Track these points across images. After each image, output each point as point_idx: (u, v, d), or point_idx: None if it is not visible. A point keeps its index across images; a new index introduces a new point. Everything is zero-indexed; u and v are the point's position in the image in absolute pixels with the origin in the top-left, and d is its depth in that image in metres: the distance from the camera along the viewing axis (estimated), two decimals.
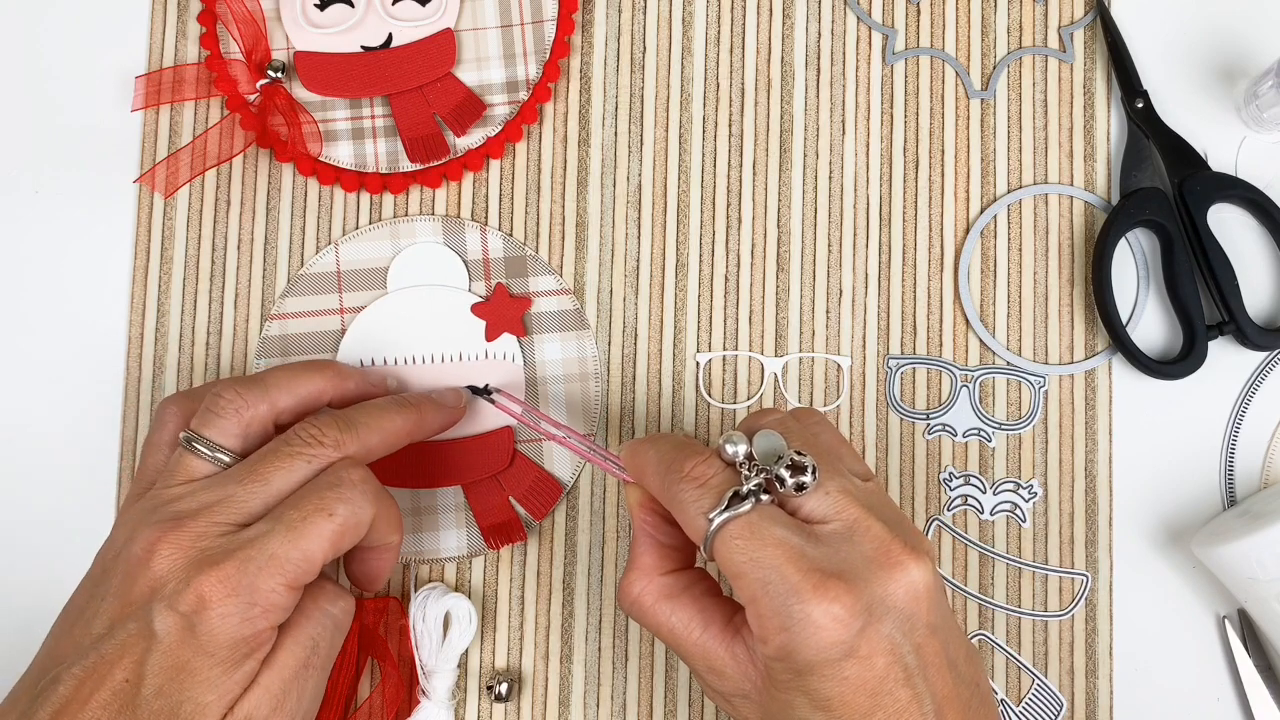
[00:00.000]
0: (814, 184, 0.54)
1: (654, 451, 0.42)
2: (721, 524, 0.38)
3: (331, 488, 0.42)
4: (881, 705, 0.37)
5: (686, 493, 0.39)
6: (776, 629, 0.37)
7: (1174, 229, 0.52)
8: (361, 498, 0.42)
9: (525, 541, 0.51)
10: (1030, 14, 0.55)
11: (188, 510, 0.41)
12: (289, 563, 0.40)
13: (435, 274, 0.53)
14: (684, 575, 0.42)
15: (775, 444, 0.39)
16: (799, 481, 0.38)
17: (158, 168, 0.52)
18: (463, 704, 0.51)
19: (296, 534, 0.40)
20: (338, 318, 0.53)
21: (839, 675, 0.36)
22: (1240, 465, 0.52)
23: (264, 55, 0.53)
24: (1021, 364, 0.53)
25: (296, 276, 0.53)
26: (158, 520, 0.41)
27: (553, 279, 0.53)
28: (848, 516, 0.38)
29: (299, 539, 0.40)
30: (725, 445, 0.39)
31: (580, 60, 0.54)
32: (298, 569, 0.40)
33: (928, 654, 0.37)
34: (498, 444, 0.52)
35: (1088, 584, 0.51)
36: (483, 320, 0.52)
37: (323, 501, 0.41)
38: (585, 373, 0.52)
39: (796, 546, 0.37)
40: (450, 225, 0.53)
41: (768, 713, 0.39)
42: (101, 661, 0.39)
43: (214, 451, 0.43)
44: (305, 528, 0.40)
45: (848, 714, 0.36)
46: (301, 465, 0.43)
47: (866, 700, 0.36)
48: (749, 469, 0.39)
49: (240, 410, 0.44)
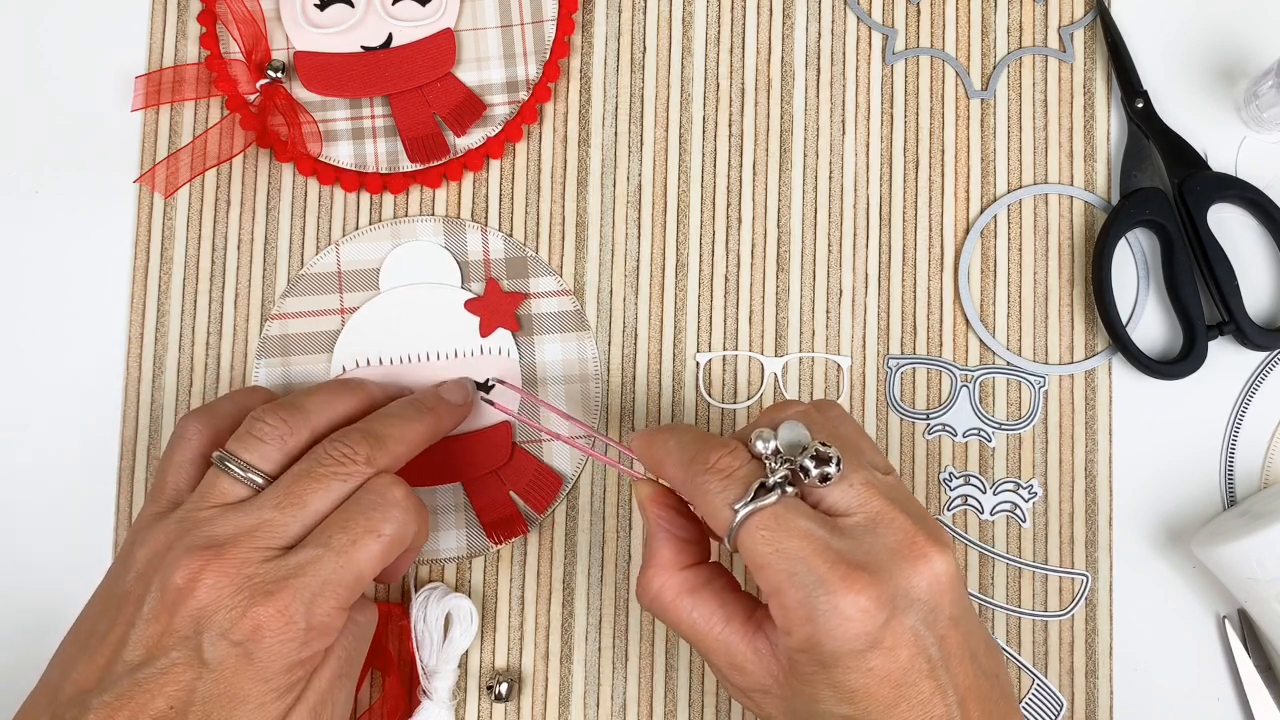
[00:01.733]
0: (814, 184, 0.54)
1: (675, 441, 0.42)
2: (747, 515, 0.38)
3: (377, 508, 0.42)
4: (905, 697, 0.37)
5: (711, 484, 0.39)
6: (802, 620, 0.37)
7: (1174, 229, 0.52)
8: (405, 514, 0.42)
9: (527, 535, 0.51)
10: (1030, 14, 0.55)
11: (226, 536, 0.40)
12: (342, 586, 0.40)
13: (427, 272, 0.53)
14: (703, 570, 0.42)
15: (800, 435, 0.39)
16: (824, 473, 0.38)
17: (158, 168, 0.52)
18: (463, 704, 0.51)
19: (347, 558, 0.40)
20: (338, 318, 0.53)
21: (864, 667, 0.36)
22: (1240, 465, 0.52)
23: (264, 55, 0.53)
24: (1021, 364, 0.53)
25: (297, 277, 0.53)
26: (193, 545, 0.40)
27: (553, 280, 0.53)
28: (871, 509, 0.38)
29: (350, 562, 0.40)
30: (755, 440, 0.39)
31: (580, 60, 0.54)
32: (350, 592, 0.40)
33: (950, 646, 0.37)
34: (497, 439, 0.52)
35: (1088, 584, 0.51)
36: (476, 316, 0.52)
37: (370, 522, 0.41)
38: (586, 374, 0.52)
39: (822, 538, 0.37)
40: (451, 226, 0.53)
41: (791, 707, 0.39)
42: (139, 690, 0.38)
43: (247, 473, 0.43)
44: (355, 551, 0.40)
45: (872, 706, 0.37)
46: (338, 485, 0.42)
47: (891, 692, 0.36)
48: (775, 461, 0.39)
49: (284, 438, 0.43)
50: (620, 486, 0.52)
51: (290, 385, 0.52)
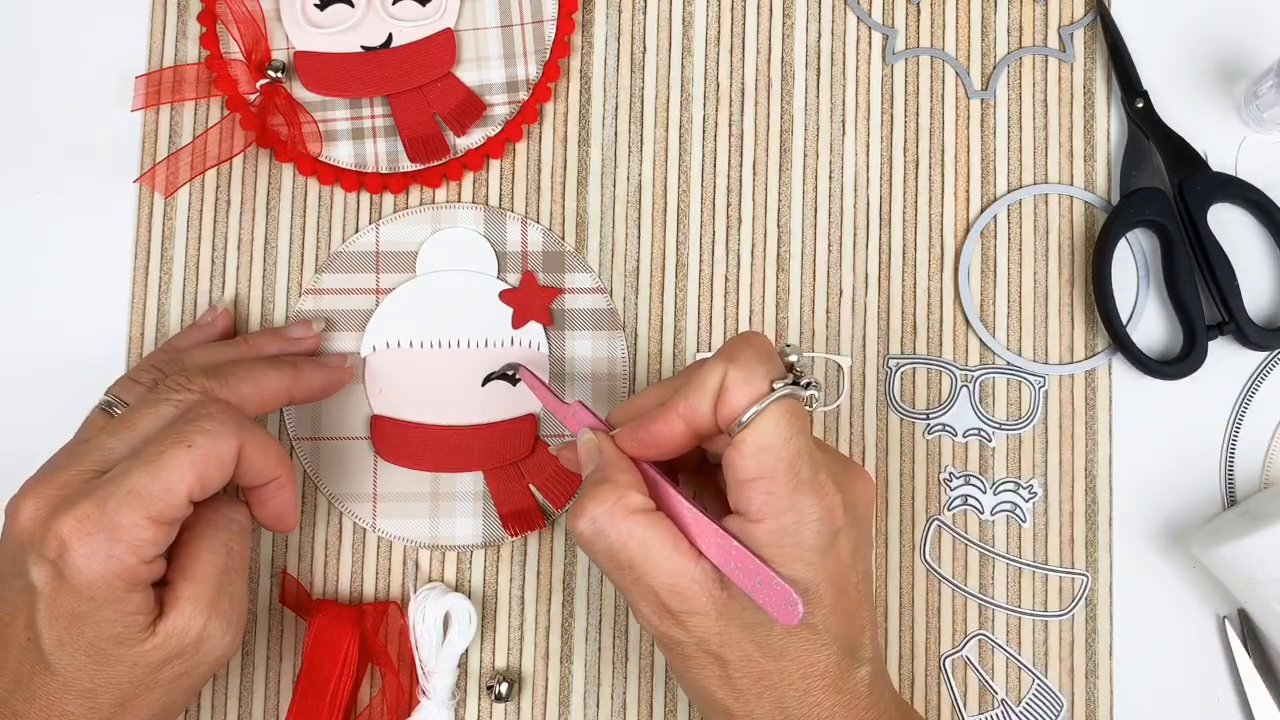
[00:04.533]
0: (814, 184, 0.54)
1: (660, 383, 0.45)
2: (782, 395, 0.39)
3: (189, 422, 0.42)
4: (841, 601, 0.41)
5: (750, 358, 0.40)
6: (784, 509, 0.39)
7: (1174, 229, 0.52)
8: (220, 427, 0.42)
9: (543, 529, 0.51)
10: (1030, 14, 0.55)
11: (61, 464, 0.42)
12: (149, 495, 0.40)
13: (464, 260, 0.53)
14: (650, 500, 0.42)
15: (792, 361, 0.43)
16: (812, 396, 0.42)
17: (158, 168, 0.52)
18: (463, 704, 0.51)
19: (155, 466, 0.40)
20: (373, 297, 0.53)
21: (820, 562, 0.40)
22: (1240, 465, 0.52)
23: (264, 55, 0.53)
24: (1021, 364, 0.53)
25: (335, 253, 0.53)
26: (36, 478, 0.41)
27: (589, 276, 0.53)
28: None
29: (158, 471, 0.40)
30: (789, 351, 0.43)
31: (580, 60, 0.54)
32: (160, 501, 0.40)
33: (865, 555, 0.43)
34: (520, 431, 0.52)
35: (1088, 584, 0.51)
36: (510, 307, 0.53)
37: (180, 435, 0.41)
38: (614, 373, 0.52)
39: (812, 444, 0.41)
40: (492, 215, 0.53)
41: (725, 624, 0.40)
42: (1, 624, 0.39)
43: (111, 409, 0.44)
44: (163, 460, 0.40)
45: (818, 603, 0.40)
46: (168, 410, 0.43)
47: (833, 592, 0.40)
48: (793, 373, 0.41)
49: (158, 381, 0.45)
50: None
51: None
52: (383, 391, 0.52)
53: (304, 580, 0.52)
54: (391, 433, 0.52)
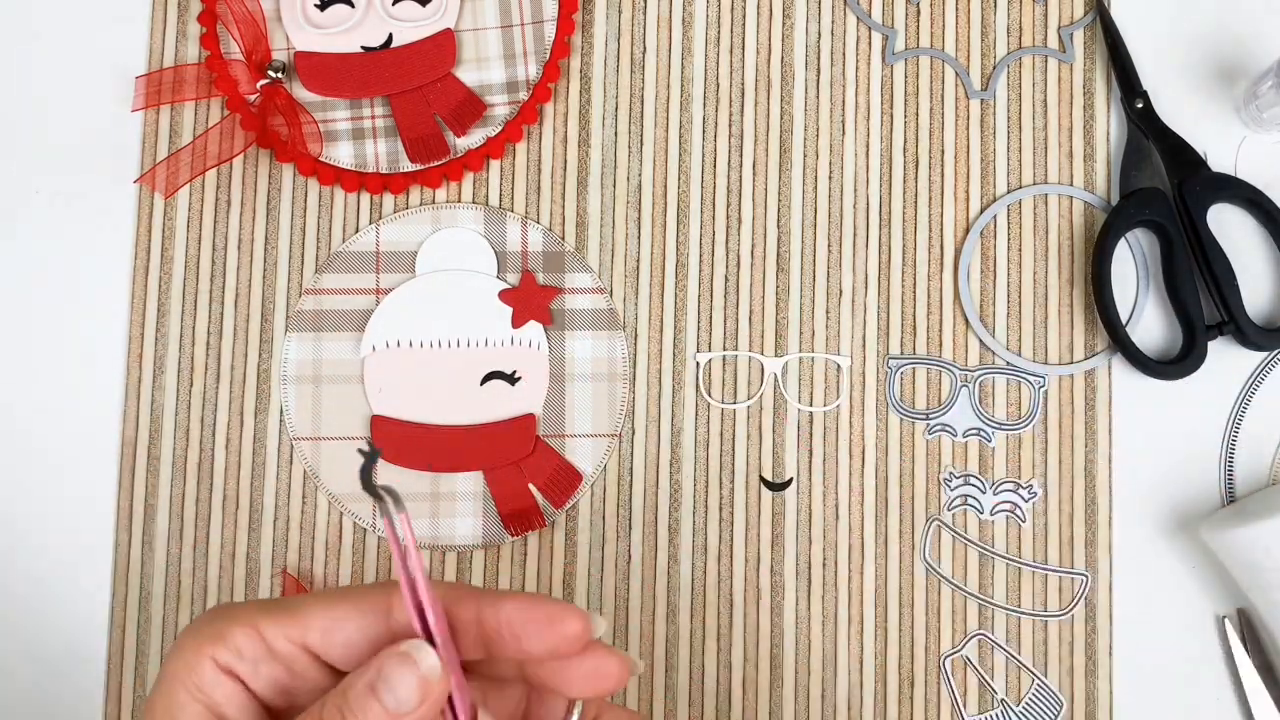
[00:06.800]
0: (814, 184, 0.54)
1: None
2: None
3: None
4: None
5: None
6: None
7: (1174, 229, 0.52)
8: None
9: (544, 529, 0.51)
10: (1030, 14, 0.55)
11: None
12: None
13: (464, 260, 0.53)
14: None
15: None
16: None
17: (158, 168, 0.52)
18: None
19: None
20: (373, 297, 0.53)
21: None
22: (1240, 465, 0.52)
23: (264, 55, 0.53)
24: (1021, 364, 0.53)
25: (335, 253, 0.53)
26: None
27: (589, 277, 0.53)
28: None
29: None
30: None
31: (580, 60, 0.54)
32: None
33: None
34: (520, 430, 0.52)
35: (1087, 584, 0.51)
36: (510, 307, 0.53)
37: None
38: (614, 373, 0.52)
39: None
40: (491, 215, 0.53)
41: None
42: None
43: None
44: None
45: None
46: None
47: None
48: None
49: None
50: (620, 487, 0.52)
51: (320, 359, 0.53)
52: (382, 391, 0.52)
53: (304, 580, 0.52)
54: (392, 432, 0.52)
